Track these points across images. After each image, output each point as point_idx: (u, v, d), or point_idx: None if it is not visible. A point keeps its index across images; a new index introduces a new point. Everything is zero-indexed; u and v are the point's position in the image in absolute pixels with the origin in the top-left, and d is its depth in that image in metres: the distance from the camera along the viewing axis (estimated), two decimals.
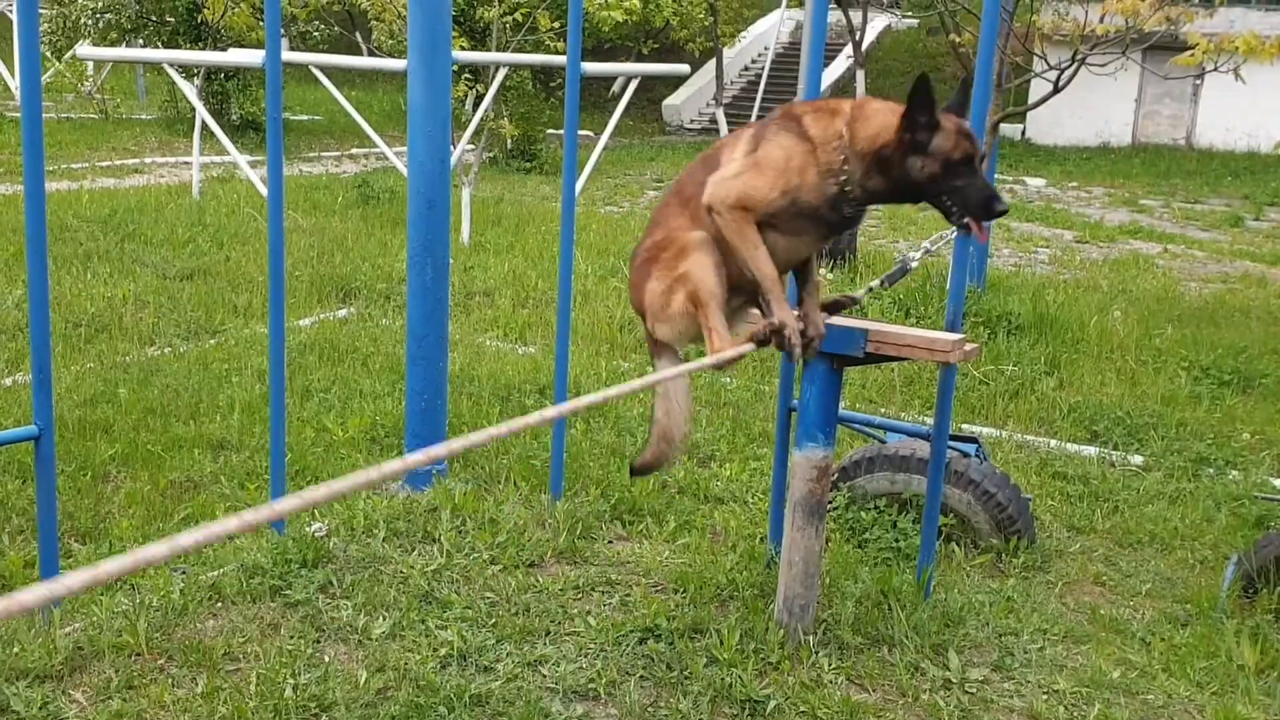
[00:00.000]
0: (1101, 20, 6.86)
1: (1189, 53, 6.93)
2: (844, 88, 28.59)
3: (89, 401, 6.08)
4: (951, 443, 5.08)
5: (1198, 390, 7.28)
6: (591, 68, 4.26)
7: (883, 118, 2.87)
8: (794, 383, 4.03)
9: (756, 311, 3.35)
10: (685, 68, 7.49)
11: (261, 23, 15.09)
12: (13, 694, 3.13)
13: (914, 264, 3.65)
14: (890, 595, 4.06)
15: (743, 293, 3.23)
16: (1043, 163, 22.58)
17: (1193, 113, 24.97)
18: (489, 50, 11.70)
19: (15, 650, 3.34)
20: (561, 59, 4.51)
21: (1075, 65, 7.28)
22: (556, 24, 11.31)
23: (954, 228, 3.87)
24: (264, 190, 5.10)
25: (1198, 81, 24.59)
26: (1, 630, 3.41)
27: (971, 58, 9.17)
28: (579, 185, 4.84)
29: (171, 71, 9.19)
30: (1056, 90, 7.71)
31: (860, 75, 27.69)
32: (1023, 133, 25.69)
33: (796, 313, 3.25)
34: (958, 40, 8.22)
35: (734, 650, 3.63)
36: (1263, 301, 10.10)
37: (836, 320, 3.53)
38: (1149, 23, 6.72)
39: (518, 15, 11.29)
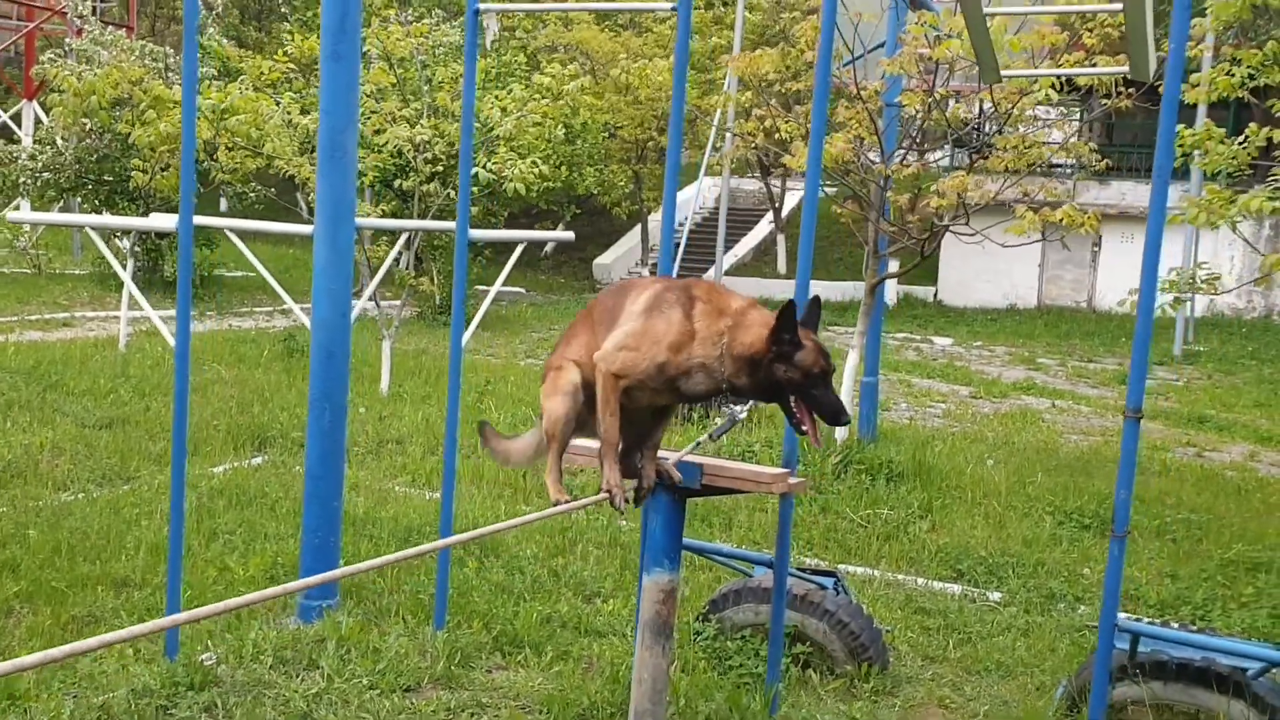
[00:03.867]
0: (942, 195, 7.64)
1: (1014, 222, 7.69)
2: (765, 250, 29.87)
3: None
4: (811, 576, 5.54)
5: (1059, 533, 7.81)
6: (479, 234, 4.78)
7: (758, 330, 3.34)
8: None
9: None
10: (570, 235, 8.15)
11: None
12: None
13: (741, 415, 4.13)
14: (737, 712, 4.42)
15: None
16: (952, 323, 23.64)
17: (1092, 277, 26.37)
18: (412, 210, 12.38)
19: None
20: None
21: (931, 235, 8.04)
22: (473, 189, 12.03)
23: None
24: (167, 333, 5.52)
25: (1096, 248, 26.12)
26: None
27: (851, 226, 9.99)
28: (466, 336, 5.32)
29: (92, 234, 9.68)
30: (923, 258, 8.46)
31: (780, 239, 29.04)
32: (935, 294, 26.89)
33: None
34: (837, 210, 9.00)
35: None
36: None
37: (676, 456, 3.99)
38: (975, 196, 7.49)
39: (434, 184, 12.01)
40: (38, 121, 24.02)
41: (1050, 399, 14.18)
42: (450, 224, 7.97)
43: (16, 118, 26.60)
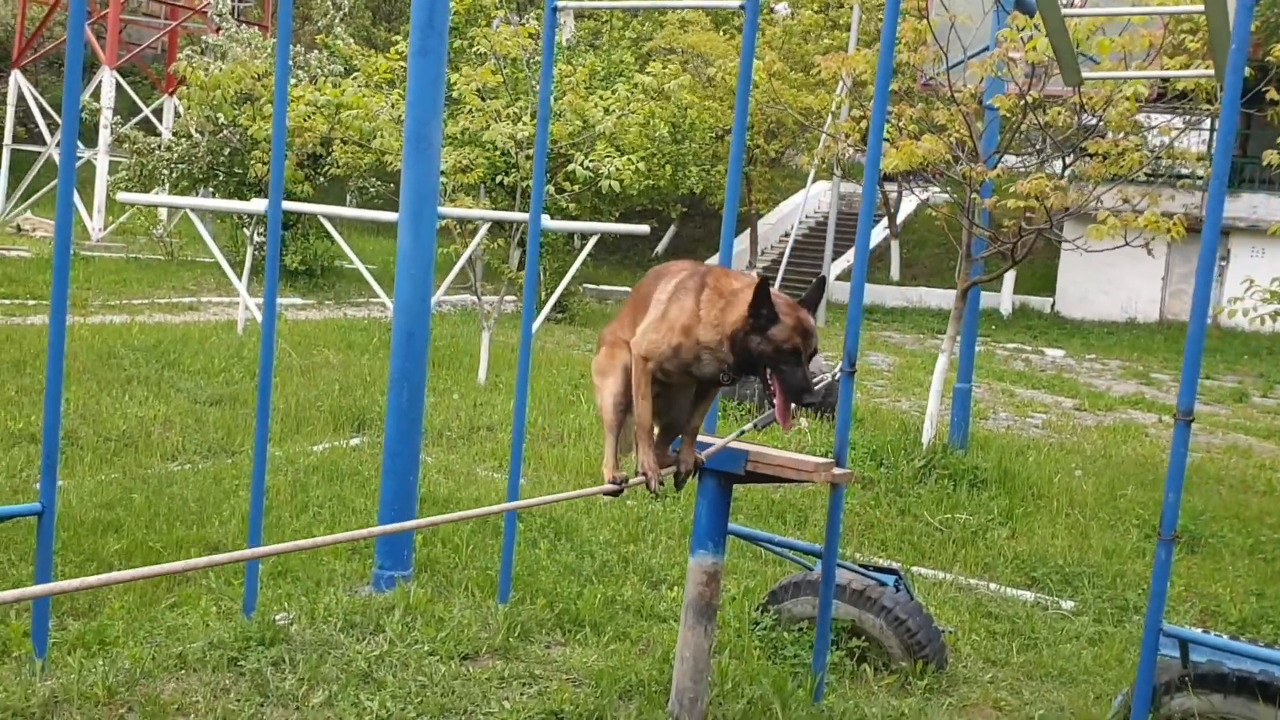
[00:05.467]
0: (1021, 198, 7.52)
1: (1094, 226, 7.52)
2: (879, 256, 29.53)
3: (106, 505, 6.74)
4: (871, 573, 5.57)
5: (1144, 546, 7.64)
6: (552, 225, 4.97)
7: (742, 307, 3.45)
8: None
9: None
10: (644, 228, 8.30)
11: (308, 178, 16.41)
12: None
13: None
14: (780, 697, 4.49)
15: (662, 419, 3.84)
16: (1067, 335, 23.11)
17: (1219, 292, 25.42)
18: (517, 205, 12.71)
19: (1, 692, 3.90)
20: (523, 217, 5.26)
21: (1022, 238, 7.93)
22: (574, 186, 12.30)
23: (827, 374, 4.48)
24: (258, 314, 5.82)
25: (1223, 263, 25.19)
26: None
27: (946, 230, 9.90)
28: (537, 324, 5.49)
29: (194, 217, 10.23)
30: (1014, 263, 8.35)
31: (894, 245, 28.70)
32: (1052, 305, 26.28)
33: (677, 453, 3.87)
34: (932, 212, 8.93)
35: None
36: (1240, 471, 10.43)
37: (719, 443, 4.10)
38: (1053, 201, 7.35)
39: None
40: (176, 115, 25.24)
41: (1158, 414, 13.79)
42: (523, 215, 8.19)
43: (159, 112, 27.98)
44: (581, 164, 12.51)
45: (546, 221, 5.48)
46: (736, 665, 4.90)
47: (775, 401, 3.42)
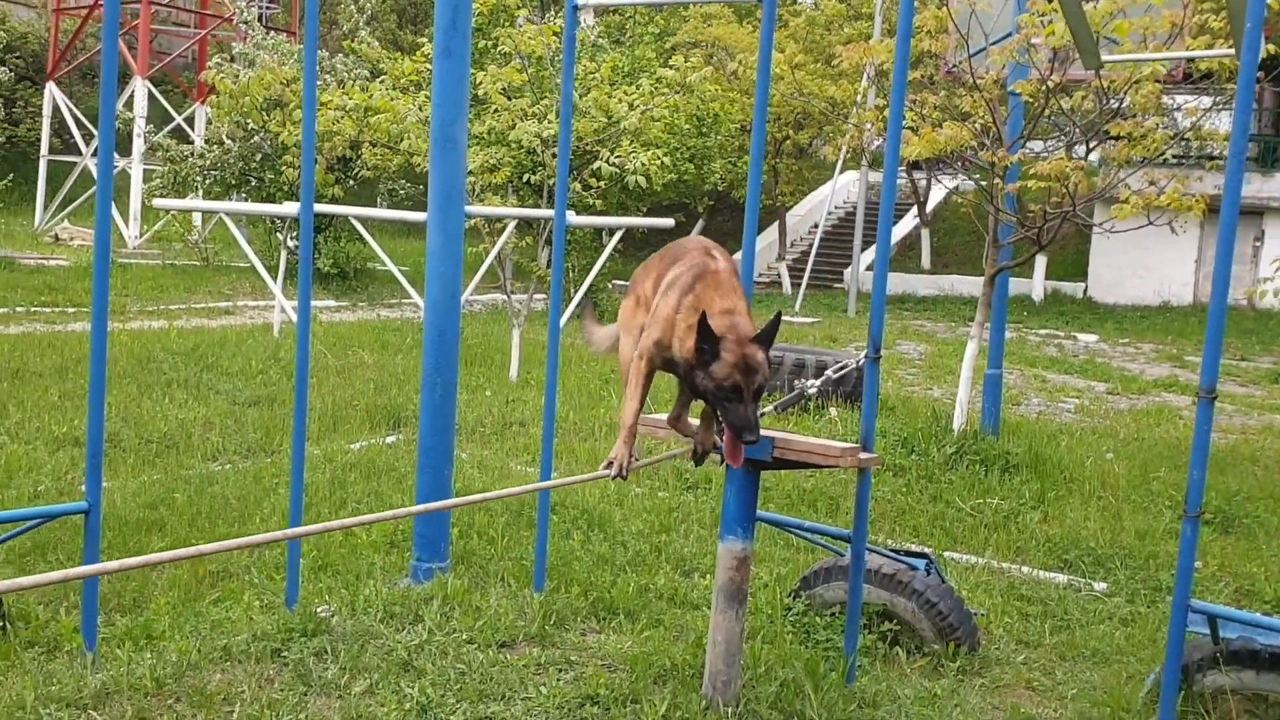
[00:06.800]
0: (1042, 179, 7.52)
1: (1118, 206, 7.51)
2: (910, 245, 29.43)
3: (149, 505, 6.90)
4: (902, 557, 5.63)
5: (1176, 527, 7.62)
6: (576, 220, 5.08)
7: (695, 337, 3.49)
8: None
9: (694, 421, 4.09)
10: (669, 222, 8.39)
11: (338, 181, 16.59)
12: (46, 715, 3.82)
13: (812, 390, 4.29)
14: (812, 680, 4.56)
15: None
16: (1100, 319, 22.97)
17: (1254, 274, 25.14)
18: (544, 203, 12.82)
19: (55, 684, 4.04)
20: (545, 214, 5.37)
21: (1048, 223, 7.93)
22: (600, 183, 12.42)
23: (852, 360, 4.57)
24: (293, 316, 5.95)
25: (1257, 243, 24.95)
26: (45, 667, 4.12)
27: (974, 217, 9.91)
28: (564, 320, 5.59)
29: (228, 220, 10.42)
30: (1041, 248, 8.35)
31: (925, 234, 28.59)
32: (1085, 291, 26.11)
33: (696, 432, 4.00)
34: (957, 199, 8.96)
35: (660, 717, 4.17)
36: (1276, 451, 10.37)
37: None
38: (1079, 185, 7.35)
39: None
40: (207, 122, 25.55)
41: (1192, 396, 13.70)
42: (549, 212, 8.29)
43: (191, 120, 28.33)
44: (607, 160, 12.61)
45: (571, 218, 5.57)
46: (769, 649, 4.97)
47: (724, 436, 3.50)
